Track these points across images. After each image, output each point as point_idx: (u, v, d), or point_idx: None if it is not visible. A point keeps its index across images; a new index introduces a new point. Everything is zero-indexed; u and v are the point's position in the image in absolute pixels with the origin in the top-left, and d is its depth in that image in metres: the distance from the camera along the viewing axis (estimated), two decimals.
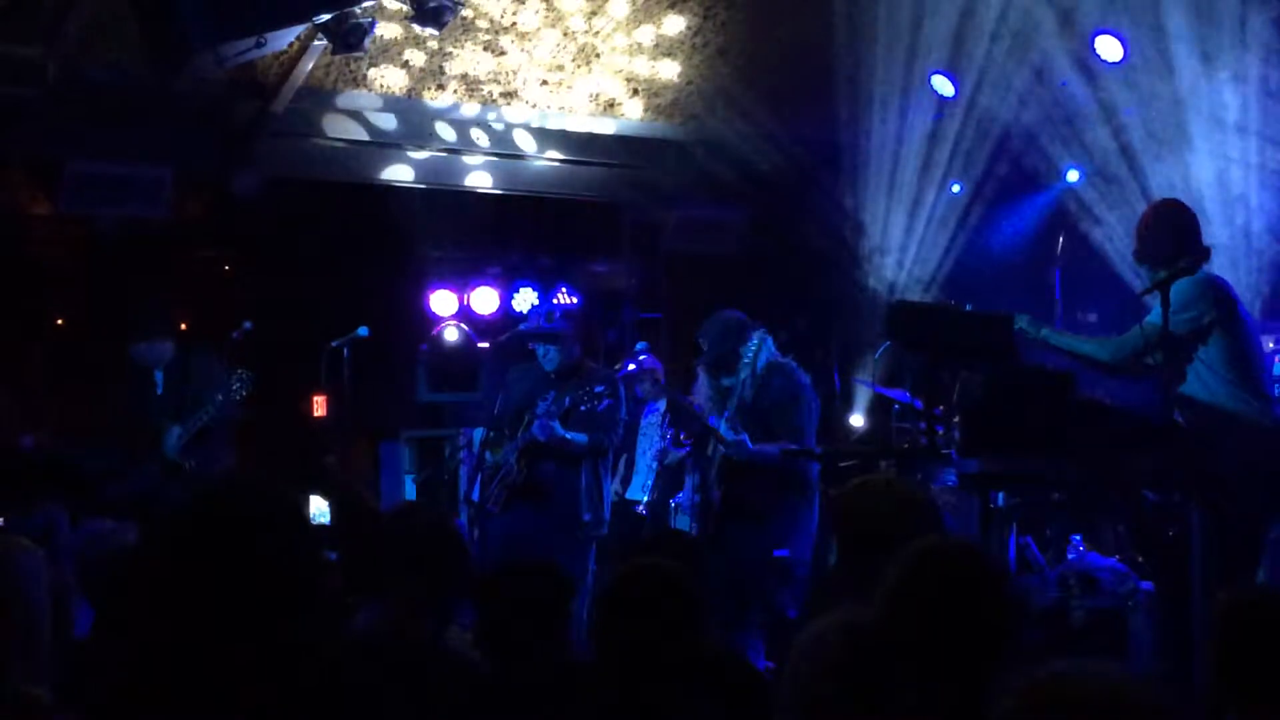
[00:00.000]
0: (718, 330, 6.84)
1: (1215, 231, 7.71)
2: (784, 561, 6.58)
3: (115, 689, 2.21)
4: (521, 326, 7.59)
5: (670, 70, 9.28)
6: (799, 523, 6.75)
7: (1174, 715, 1.85)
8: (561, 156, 9.80)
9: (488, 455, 7.49)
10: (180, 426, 7.59)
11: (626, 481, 8.50)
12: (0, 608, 2.91)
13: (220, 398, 7.55)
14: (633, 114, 9.58)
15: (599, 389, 7.18)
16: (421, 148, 9.42)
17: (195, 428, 7.59)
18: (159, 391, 7.79)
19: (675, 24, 8.96)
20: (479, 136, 9.50)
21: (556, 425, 7.15)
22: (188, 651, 2.17)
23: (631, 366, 8.28)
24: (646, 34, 9.02)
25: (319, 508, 8.20)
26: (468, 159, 9.62)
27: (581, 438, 7.27)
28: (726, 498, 6.69)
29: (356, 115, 9.09)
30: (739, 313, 6.92)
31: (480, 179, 9.73)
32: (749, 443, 6.57)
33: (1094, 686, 1.85)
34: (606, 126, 9.66)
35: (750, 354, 6.61)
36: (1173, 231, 5.69)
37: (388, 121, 9.20)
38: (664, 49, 9.14)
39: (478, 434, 7.65)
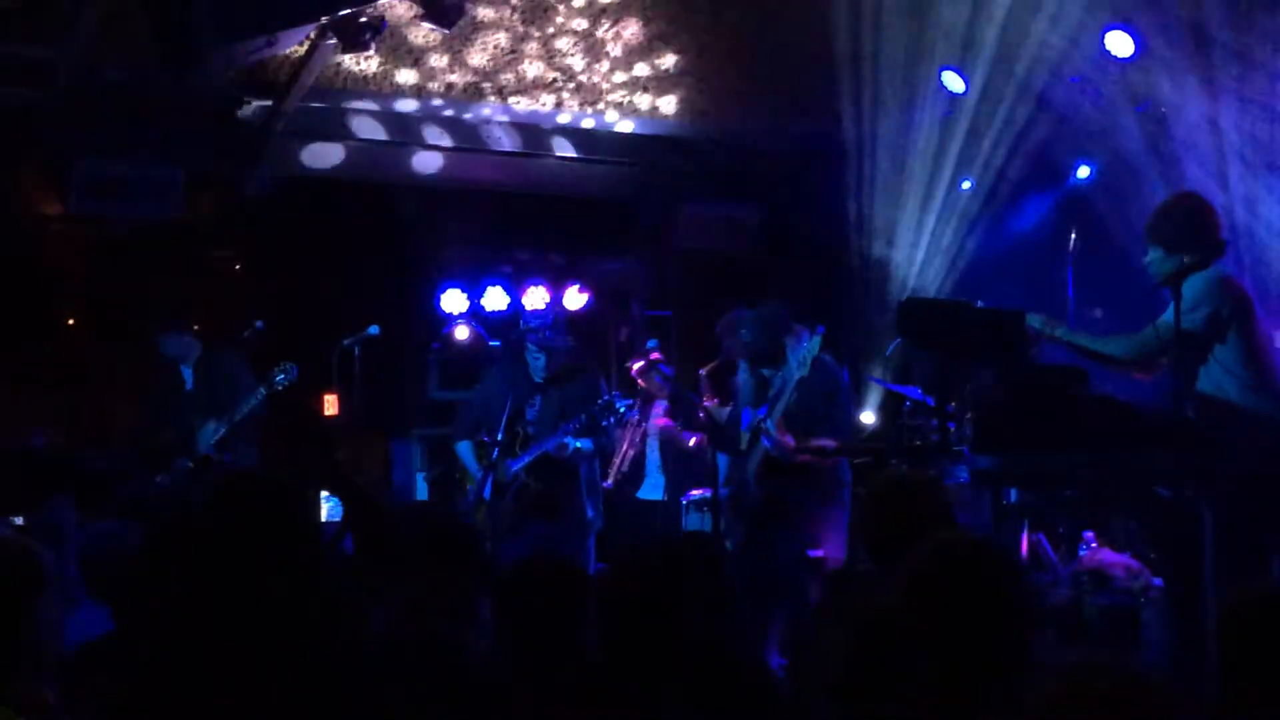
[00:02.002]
0: (762, 322, 6.77)
1: (1238, 229, 7.70)
2: (819, 561, 6.55)
3: (123, 689, 2.21)
4: (530, 334, 7.50)
5: (681, 67, 9.28)
6: (835, 522, 6.71)
7: (1189, 709, 1.85)
8: (572, 154, 9.80)
9: (476, 466, 7.48)
10: (216, 421, 7.61)
11: (635, 481, 8.51)
12: (12, 610, 2.91)
13: (263, 391, 7.59)
14: (643, 112, 9.58)
15: (621, 405, 7.19)
16: (432, 146, 9.43)
17: (234, 421, 7.63)
18: (189, 388, 7.81)
19: (686, 18, 8.95)
20: (489, 135, 9.51)
21: (571, 441, 7.16)
22: (195, 650, 2.18)
23: (643, 363, 8.28)
24: (656, 31, 9.01)
25: (331, 505, 8.22)
26: (478, 157, 9.62)
27: (589, 444, 7.31)
28: (766, 496, 6.65)
29: (366, 114, 9.10)
30: (782, 306, 6.87)
31: (491, 177, 9.73)
32: (790, 443, 6.53)
33: (1117, 680, 1.85)
34: (617, 124, 9.66)
35: (806, 353, 6.50)
36: (1194, 219, 5.67)
37: (398, 120, 9.21)
38: (676, 47, 9.13)
39: (462, 447, 7.61)
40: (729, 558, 6.73)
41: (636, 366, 8.27)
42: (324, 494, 8.24)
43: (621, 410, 7.22)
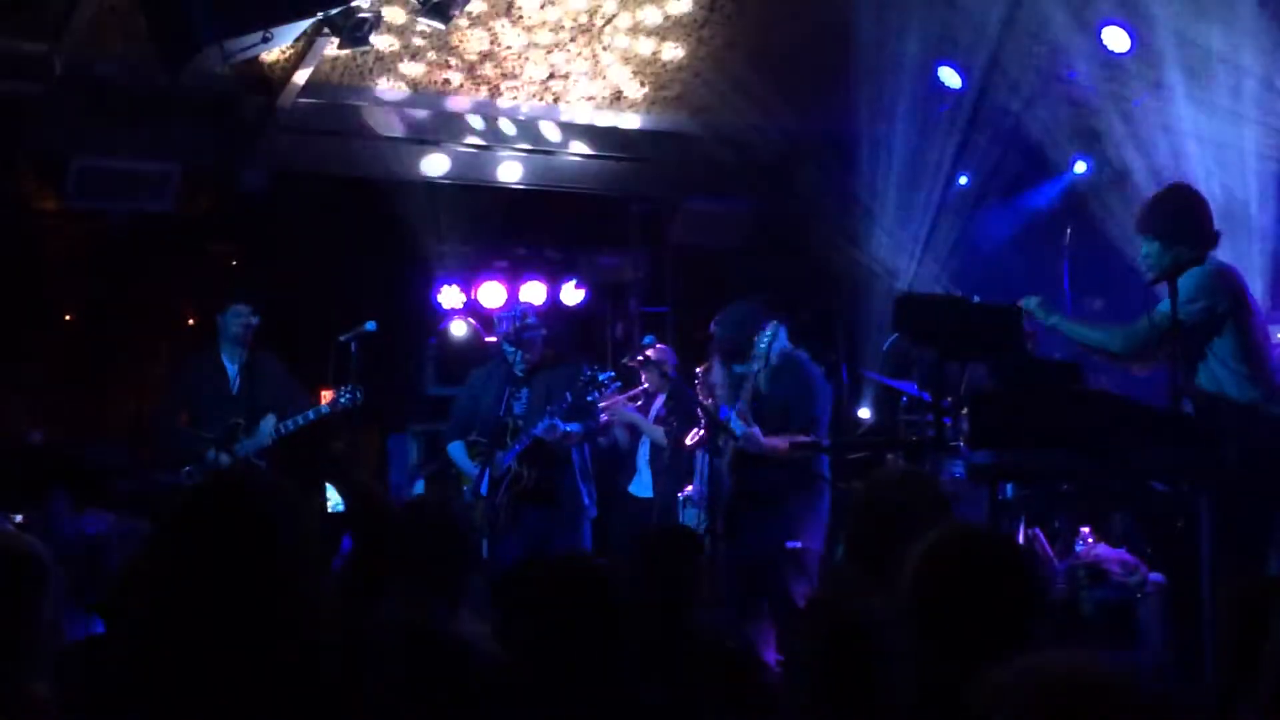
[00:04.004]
0: (733, 318, 6.84)
1: (1219, 221, 7.70)
2: (797, 553, 6.57)
3: (119, 684, 2.21)
4: (499, 330, 7.66)
5: (677, 62, 9.27)
6: (811, 514, 6.74)
7: (1169, 707, 1.84)
8: (568, 150, 9.79)
9: (469, 464, 7.54)
10: (267, 427, 7.68)
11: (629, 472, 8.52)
12: (7, 606, 2.92)
13: (326, 409, 7.69)
14: (640, 107, 9.58)
15: (603, 377, 7.27)
16: (428, 141, 9.42)
17: (287, 431, 7.69)
18: (234, 392, 7.85)
19: (682, 13, 8.94)
20: (485, 130, 9.50)
21: (559, 423, 7.23)
22: (189, 646, 2.17)
23: (640, 357, 8.29)
24: (653, 26, 9.01)
25: (333, 497, 8.23)
26: (474, 153, 9.61)
27: (577, 427, 7.38)
28: (738, 489, 6.69)
29: (362, 110, 9.09)
30: (755, 302, 6.92)
31: (486, 172, 9.72)
32: (760, 435, 6.57)
33: (1085, 678, 1.84)
34: (613, 119, 9.65)
35: (765, 344, 6.58)
36: (1187, 210, 5.67)
37: (393, 116, 9.20)
38: (671, 40, 9.12)
39: (454, 448, 7.69)
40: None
41: (638, 359, 8.26)
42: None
43: (604, 381, 7.28)
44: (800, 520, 6.68)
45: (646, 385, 8.22)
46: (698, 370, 8.01)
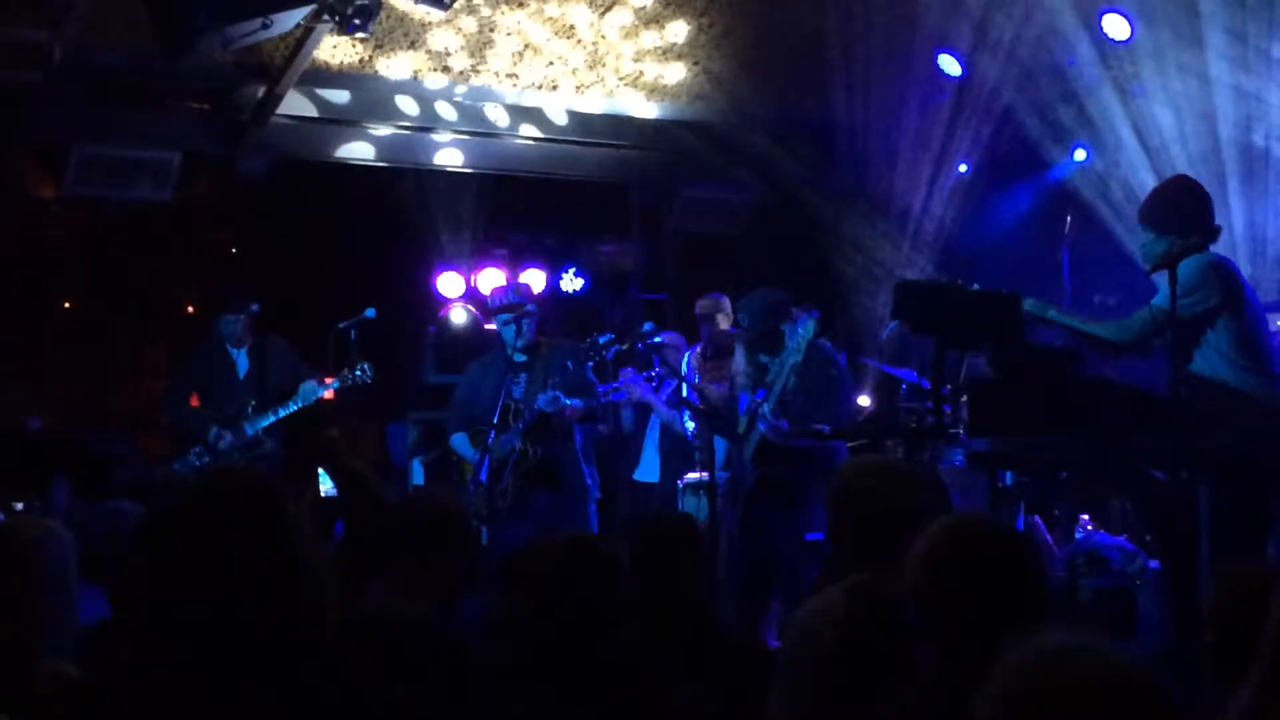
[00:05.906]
0: (759, 307, 6.79)
1: (1232, 213, 7.71)
2: (817, 544, 6.57)
3: (120, 673, 2.22)
4: (493, 303, 7.71)
5: (677, 51, 9.26)
6: None
7: (1166, 695, 1.85)
8: (568, 137, 9.79)
9: (472, 452, 7.57)
10: (274, 406, 7.80)
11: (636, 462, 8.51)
12: (34, 589, 2.96)
13: (337, 383, 7.80)
14: (640, 94, 9.56)
15: (602, 340, 7.31)
16: (427, 128, 9.41)
17: (319, 394, 7.83)
18: (241, 376, 7.91)
19: (683, 7, 8.94)
20: (485, 117, 9.49)
21: (562, 396, 7.26)
22: (181, 638, 2.18)
23: (654, 341, 8.28)
24: (654, 15, 9.00)
25: (326, 483, 8.26)
26: (474, 139, 9.61)
27: (578, 403, 7.42)
28: (762, 480, 6.67)
29: (363, 97, 9.08)
30: (779, 291, 6.89)
31: (487, 160, 9.72)
32: (786, 428, 6.54)
33: (1089, 666, 1.84)
34: (614, 107, 9.65)
35: (801, 338, 6.50)
36: (1186, 202, 5.67)
37: (394, 103, 9.19)
38: (671, 29, 9.11)
39: (457, 439, 7.73)
40: (727, 540, 6.78)
41: (657, 340, 8.24)
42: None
43: (603, 344, 7.30)
44: (820, 513, 6.66)
45: (660, 370, 8.20)
46: (693, 350, 8.01)
